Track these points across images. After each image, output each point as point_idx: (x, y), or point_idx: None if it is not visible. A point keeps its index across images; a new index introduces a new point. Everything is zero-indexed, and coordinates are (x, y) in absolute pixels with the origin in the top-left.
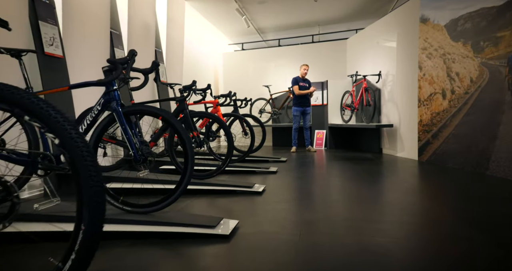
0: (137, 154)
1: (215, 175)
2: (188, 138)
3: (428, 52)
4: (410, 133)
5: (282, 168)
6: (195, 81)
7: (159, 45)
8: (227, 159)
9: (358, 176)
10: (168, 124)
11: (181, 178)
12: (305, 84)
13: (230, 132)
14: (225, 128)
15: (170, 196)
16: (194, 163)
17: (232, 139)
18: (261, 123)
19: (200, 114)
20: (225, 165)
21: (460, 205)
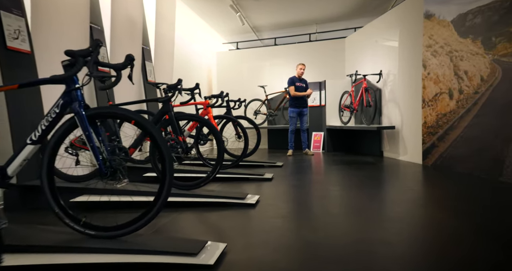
0: (103, 166)
1: (203, 184)
2: (165, 145)
3: (433, 50)
4: (414, 136)
5: (278, 173)
6: (181, 80)
7: (146, 42)
8: (217, 167)
9: (359, 183)
10: (142, 129)
11: (158, 194)
12: (302, 84)
13: (220, 137)
14: (215, 132)
15: (144, 216)
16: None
17: (223, 144)
18: (256, 126)
19: (187, 116)
20: (214, 173)
21: (481, 217)
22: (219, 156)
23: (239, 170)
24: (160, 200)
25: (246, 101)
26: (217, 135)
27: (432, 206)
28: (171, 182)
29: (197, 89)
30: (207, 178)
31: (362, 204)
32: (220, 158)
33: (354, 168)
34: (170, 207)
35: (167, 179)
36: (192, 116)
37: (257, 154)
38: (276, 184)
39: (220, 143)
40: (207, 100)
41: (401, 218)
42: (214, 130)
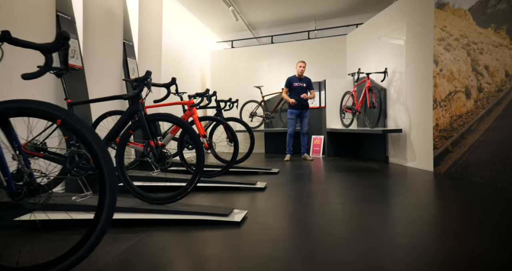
0: (13, 185)
1: (180, 197)
2: (104, 153)
3: (447, 43)
4: (423, 140)
5: (273, 182)
6: (150, 72)
7: (128, 37)
8: (195, 177)
9: (365, 194)
10: (71, 131)
11: (94, 220)
12: (301, 84)
13: (200, 143)
14: (192, 135)
15: (77, 249)
16: (115, 192)
17: (202, 152)
18: (249, 129)
19: (159, 117)
20: (193, 185)
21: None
22: (198, 164)
23: (229, 178)
24: (96, 228)
25: (238, 101)
26: (195, 139)
27: (458, 227)
28: (113, 203)
29: (174, 85)
30: (184, 190)
31: (369, 224)
32: (200, 166)
33: (357, 175)
34: (138, 225)
35: (106, 199)
36: (164, 116)
37: (253, 158)
38: (270, 195)
39: (200, 149)
40: (191, 100)
41: (422, 248)
42: (191, 133)
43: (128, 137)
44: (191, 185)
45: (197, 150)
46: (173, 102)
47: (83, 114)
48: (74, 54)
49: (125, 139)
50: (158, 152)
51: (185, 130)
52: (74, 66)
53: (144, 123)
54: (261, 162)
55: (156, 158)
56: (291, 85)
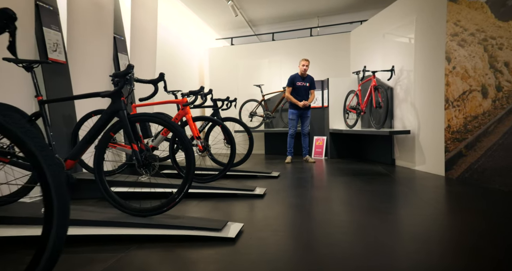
0: None
1: (167, 209)
2: (46, 160)
3: (461, 39)
4: (434, 142)
5: (273, 187)
6: (131, 66)
7: (120, 31)
8: (184, 186)
9: (372, 202)
10: (3, 134)
11: (41, 244)
12: (304, 83)
13: (190, 147)
14: (180, 137)
15: None
16: (66, 210)
17: (193, 157)
18: (248, 129)
19: (144, 117)
20: (181, 196)
21: None
22: (188, 171)
23: (226, 182)
24: (46, 249)
25: (236, 100)
26: (184, 142)
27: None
28: (63, 214)
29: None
30: (172, 201)
31: (379, 240)
32: (190, 173)
33: (363, 180)
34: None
35: (54, 221)
36: (149, 116)
37: (253, 160)
38: (269, 202)
39: (190, 154)
40: (185, 98)
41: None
42: (180, 135)
43: (108, 140)
44: (180, 195)
45: (186, 155)
46: (164, 101)
47: (66, 113)
48: (57, 48)
49: (105, 142)
50: (143, 156)
51: (173, 132)
52: (57, 60)
53: (126, 124)
54: (261, 164)
55: (140, 163)
56: (294, 84)
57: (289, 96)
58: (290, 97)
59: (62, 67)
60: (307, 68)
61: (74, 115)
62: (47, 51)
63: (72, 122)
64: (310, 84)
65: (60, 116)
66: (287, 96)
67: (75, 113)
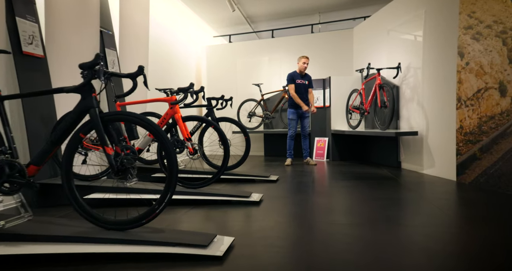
0: None
1: (146, 222)
2: None
3: (475, 32)
4: (444, 144)
5: (270, 193)
6: (100, 56)
7: (107, 25)
8: (165, 195)
9: (381, 212)
10: None
11: None
12: (304, 81)
13: (172, 152)
14: (161, 139)
15: None
16: None
17: (175, 163)
18: (244, 130)
19: (120, 116)
20: (162, 207)
21: None
22: (169, 179)
23: (220, 187)
24: None
25: (232, 99)
26: (163, 143)
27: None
28: None
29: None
30: (151, 212)
31: (392, 259)
32: (172, 180)
33: (368, 184)
34: (87, 261)
35: None
36: (126, 115)
37: (251, 162)
38: (265, 211)
39: (172, 159)
40: (173, 96)
41: None
42: (159, 135)
43: (78, 142)
44: (161, 205)
45: (168, 159)
46: (151, 99)
47: (45, 112)
48: (33, 41)
49: (74, 145)
50: (118, 161)
51: (151, 132)
52: (33, 54)
53: (97, 124)
54: (259, 167)
55: (114, 169)
56: (294, 82)
57: (295, 95)
58: (295, 96)
59: (39, 62)
60: (307, 66)
61: (55, 114)
62: (21, 44)
63: (52, 122)
64: (309, 83)
65: (37, 116)
66: (293, 95)
67: (55, 112)
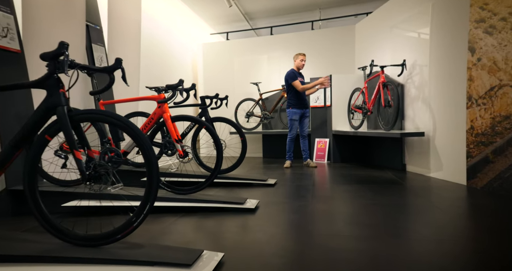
0: None
1: (121, 237)
2: None
3: (488, 25)
4: (452, 146)
5: (267, 199)
6: (64, 45)
7: (95, 19)
8: (144, 207)
9: (388, 221)
10: None
11: None
12: (303, 80)
13: (152, 155)
14: (140, 142)
15: None
16: None
17: (153, 168)
18: (240, 131)
19: (92, 115)
20: (140, 219)
21: None
22: (149, 187)
23: (214, 192)
24: None
25: (228, 98)
26: (142, 147)
27: None
28: None
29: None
30: (128, 226)
31: None
32: (152, 189)
33: (372, 189)
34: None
35: None
36: (97, 113)
37: (248, 164)
38: (261, 220)
39: (150, 163)
40: (161, 94)
41: None
42: (136, 137)
43: (43, 145)
44: (139, 217)
45: (147, 166)
46: (136, 98)
47: (22, 111)
48: (8, 34)
49: (38, 149)
50: (91, 167)
51: (129, 135)
52: (7, 48)
53: (65, 124)
54: (256, 169)
55: (85, 176)
56: (297, 79)
57: (304, 86)
58: (305, 86)
59: (15, 57)
60: (304, 63)
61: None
62: None
63: None
64: (304, 81)
65: (12, 114)
66: (303, 88)
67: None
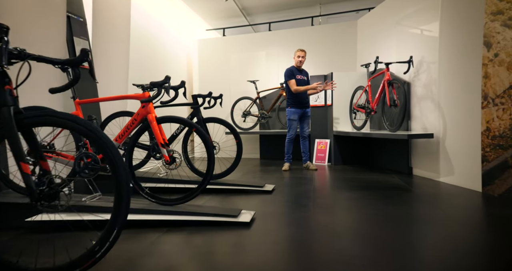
0: None
1: (82, 269)
2: None
3: (507, 17)
4: (465, 149)
5: (264, 208)
6: (2, 26)
7: (77, 10)
8: (109, 234)
9: (402, 239)
10: None
11: None
12: (303, 77)
13: (120, 165)
14: (104, 150)
15: None
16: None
17: (122, 182)
18: (235, 132)
19: (42, 119)
20: (105, 248)
21: None
22: (117, 205)
23: (205, 201)
24: None
25: (222, 96)
26: (108, 155)
27: None
28: None
29: (85, 63)
30: (89, 257)
31: None
32: (121, 209)
33: (378, 197)
34: None
35: None
36: (50, 115)
37: (246, 167)
38: (256, 237)
39: (119, 176)
40: (146, 92)
41: None
42: (103, 144)
43: None
44: (103, 246)
45: (116, 181)
46: (117, 96)
47: None
48: None
49: None
50: (44, 183)
51: (93, 142)
52: None
53: (11, 128)
54: (253, 173)
55: (33, 195)
56: (295, 77)
57: (300, 88)
58: (301, 88)
59: None
60: (303, 60)
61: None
62: None
63: None
64: (307, 79)
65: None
66: (296, 90)
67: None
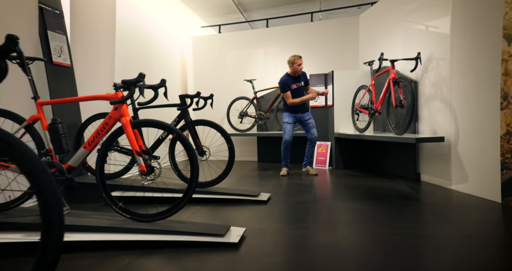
0: None
1: None
2: None
3: None
4: (481, 154)
5: (257, 224)
6: None
7: (53, 1)
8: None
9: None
10: None
11: None
12: (299, 84)
13: (47, 179)
14: (32, 176)
15: None
16: None
17: (53, 204)
18: (226, 135)
19: None
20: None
21: None
22: (44, 239)
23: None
24: None
25: (213, 96)
26: (25, 167)
27: None
28: None
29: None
30: None
31: None
32: (50, 245)
33: (385, 208)
34: None
35: None
36: None
37: (241, 171)
38: (245, 263)
39: (46, 200)
40: (119, 92)
41: None
42: (27, 163)
43: None
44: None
45: (41, 206)
46: (86, 97)
47: None
48: None
49: None
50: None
51: (13, 159)
52: None
53: None
54: (249, 178)
55: None
56: (290, 89)
57: (295, 100)
58: (297, 100)
59: None
60: (302, 67)
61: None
62: None
63: None
64: (304, 82)
65: None
66: (292, 102)
67: None
